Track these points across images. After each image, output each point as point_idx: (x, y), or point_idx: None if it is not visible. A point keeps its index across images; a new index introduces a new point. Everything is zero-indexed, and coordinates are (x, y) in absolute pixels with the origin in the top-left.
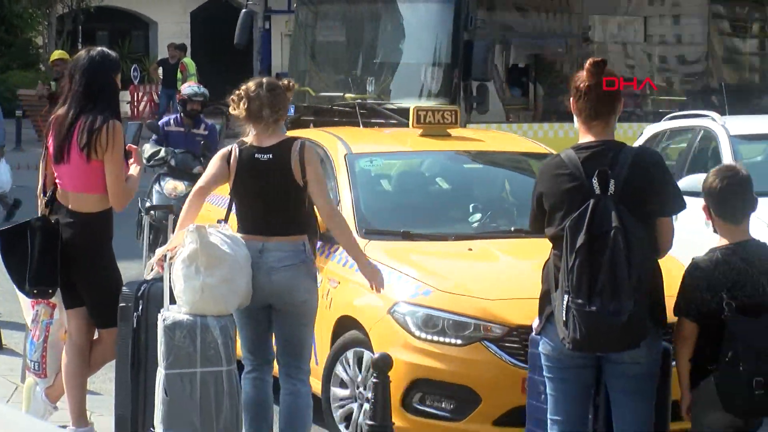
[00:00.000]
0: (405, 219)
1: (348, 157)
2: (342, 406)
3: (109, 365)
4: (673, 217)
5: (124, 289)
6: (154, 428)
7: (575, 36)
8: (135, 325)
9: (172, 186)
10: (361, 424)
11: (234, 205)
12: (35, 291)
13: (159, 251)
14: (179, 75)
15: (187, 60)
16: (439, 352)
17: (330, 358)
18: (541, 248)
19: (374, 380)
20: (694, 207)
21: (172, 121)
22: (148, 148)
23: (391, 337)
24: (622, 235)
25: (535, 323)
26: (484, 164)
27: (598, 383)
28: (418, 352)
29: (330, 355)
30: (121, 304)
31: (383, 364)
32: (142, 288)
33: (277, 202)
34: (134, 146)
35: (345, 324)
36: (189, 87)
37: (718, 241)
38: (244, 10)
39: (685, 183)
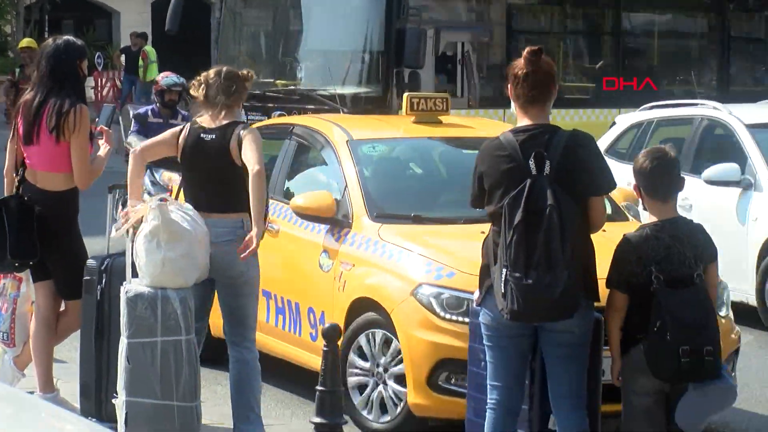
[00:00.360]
0: (412, 203)
1: (350, 143)
2: (361, 393)
3: (75, 335)
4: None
5: (89, 262)
6: (117, 394)
7: (499, 25)
8: (99, 297)
9: (167, 177)
10: (381, 401)
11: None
12: (17, 264)
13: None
14: (141, 62)
15: (148, 48)
16: (464, 332)
17: (346, 340)
18: None
19: (324, 348)
20: (727, 196)
21: (150, 113)
22: (135, 141)
23: (415, 318)
24: (556, 213)
25: (476, 295)
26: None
27: (534, 350)
28: (444, 332)
29: (346, 336)
30: (85, 277)
31: (333, 334)
32: (106, 262)
33: (216, 180)
34: (107, 128)
35: (361, 306)
36: (167, 78)
37: (648, 218)
38: None
39: (714, 173)
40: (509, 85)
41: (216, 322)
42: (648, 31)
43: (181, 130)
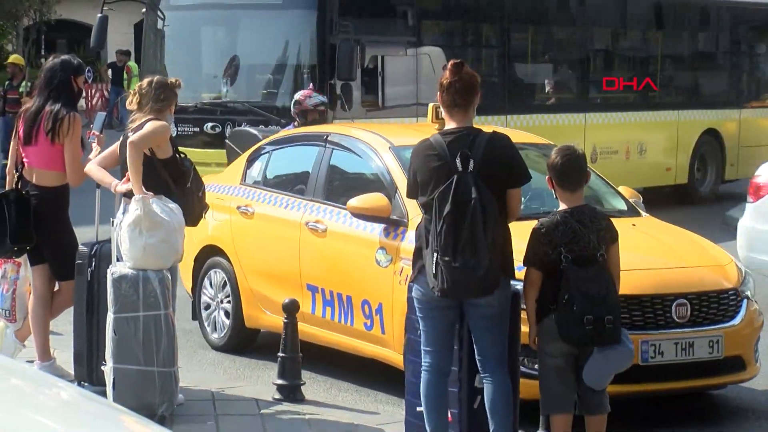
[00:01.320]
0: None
1: (393, 149)
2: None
3: (68, 310)
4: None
5: (80, 248)
6: (105, 362)
7: (411, 41)
8: (89, 278)
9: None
10: None
11: None
12: (16, 248)
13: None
14: (125, 75)
15: (131, 63)
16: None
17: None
18: None
19: (285, 320)
20: None
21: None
22: None
23: None
24: (479, 205)
25: (411, 275)
26: None
27: (462, 320)
28: (520, 321)
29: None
30: (78, 261)
31: (292, 308)
32: (95, 248)
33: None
34: (99, 134)
35: None
36: (313, 97)
37: (560, 206)
38: (99, 15)
39: None
40: (438, 93)
41: (252, 313)
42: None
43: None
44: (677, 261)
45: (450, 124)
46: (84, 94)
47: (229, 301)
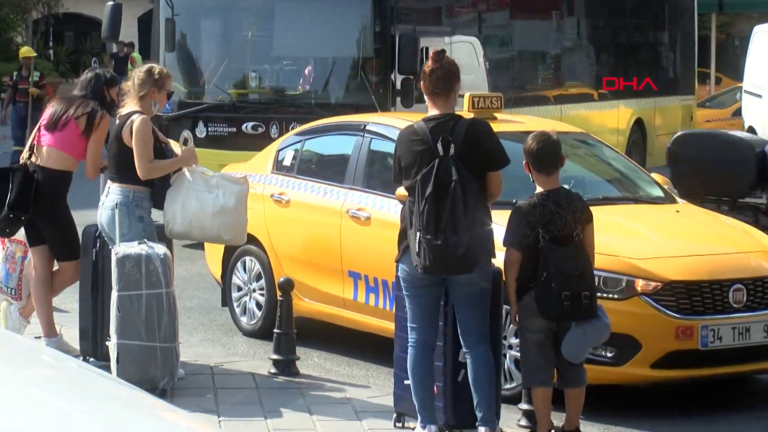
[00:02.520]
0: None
1: None
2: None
3: (75, 288)
4: None
5: (85, 229)
6: (110, 338)
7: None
8: (94, 258)
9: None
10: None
11: None
12: (11, 216)
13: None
14: (129, 66)
15: (136, 54)
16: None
17: None
18: (641, 213)
19: (280, 298)
20: None
21: None
22: None
23: None
24: (460, 186)
25: (397, 255)
26: None
27: (447, 297)
28: None
29: None
30: (83, 242)
31: (287, 287)
32: (99, 230)
33: (114, 156)
34: (190, 152)
35: None
36: None
37: (537, 189)
38: (111, 3)
39: None
40: (421, 81)
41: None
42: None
43: None
44: (730, 247)
45: (432, 111)
46: None
47: (262, 292)
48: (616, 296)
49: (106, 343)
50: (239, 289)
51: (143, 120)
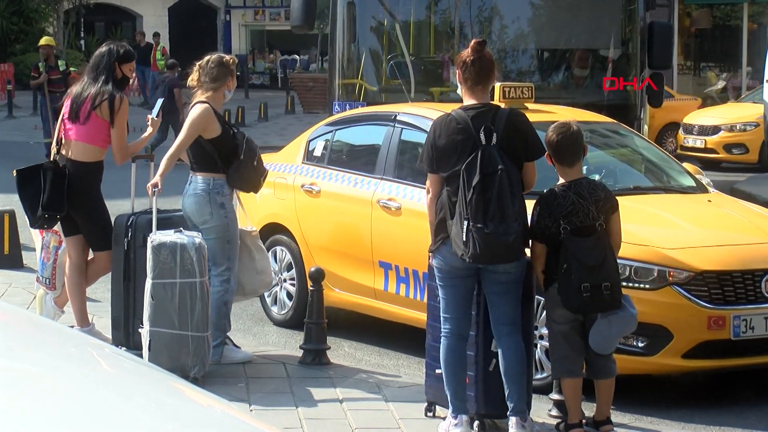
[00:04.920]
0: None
1: None
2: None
3: (106, 278)
4: None
5: (117, 219)
6: (142, 325)
7: None
8: (125, 248)
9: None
10: None
11: None
12: (46, 215)
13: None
14: (160, 56)
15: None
16: (631, 296)
17: None
18: (673, 203)
19: (311, 288)
20: None
21: None
22: None
23: None
24: (505, 174)
25: (433, 246)
26: None
27: (479, 287)
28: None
29: None
30: (115, 232)
31: (318, 276)
32: (131, 219)
33: (190, 147)
34: (155, 118)
35: None
36: None
37: (559, 180)
38: None
39: None
40: (458, 71)
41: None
42: None
43: None
44: (762, 236)
45: (470, 101)
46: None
47: (293, 282)
48: (647, 286)
49: (139, 330)
50: None
51: (204, 109)
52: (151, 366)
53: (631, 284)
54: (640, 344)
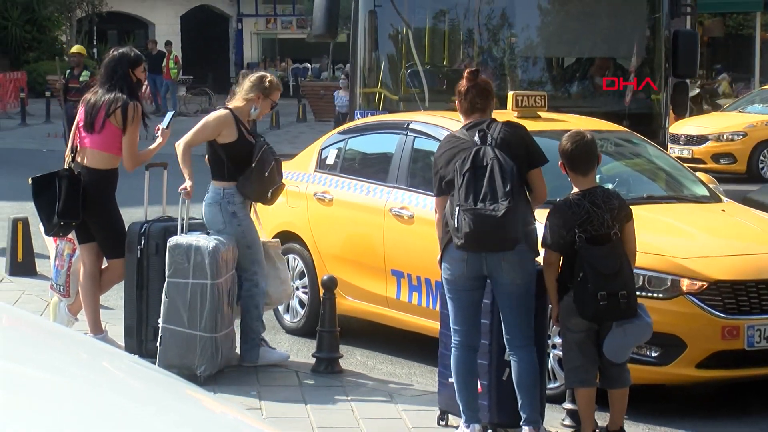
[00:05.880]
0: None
1: None
2: None
3: (119, 286)
4: None
5: (131, 227)
6: (158, 323)
7: None
8: (138, 256)
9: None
10: None
11: None
12: (62, 223)
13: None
14: (173, 64)
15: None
16: (644, 305)
17: None
18: (687, 212)
19: (324, 297)
20: None
21: None
22: None
23: None
24: (497, 162)
25: (439, 255)
26: None
27: (493, 297)
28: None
29: None
30: (128, 240)
31: (331, 285)
32: (144, 227)
33: (208, 155)
34: (167, 129)
35: None
36: None
37: (573, 189)
38: None
39: None
40: (456, 101)
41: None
42: None
43: None
44: None
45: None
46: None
47: (305, 290)
48: (661, 295)
49: (157, 324)
50: None
51: (221, 114)
52: (163, 372)
53: (644, 293)
54: (654, 354)
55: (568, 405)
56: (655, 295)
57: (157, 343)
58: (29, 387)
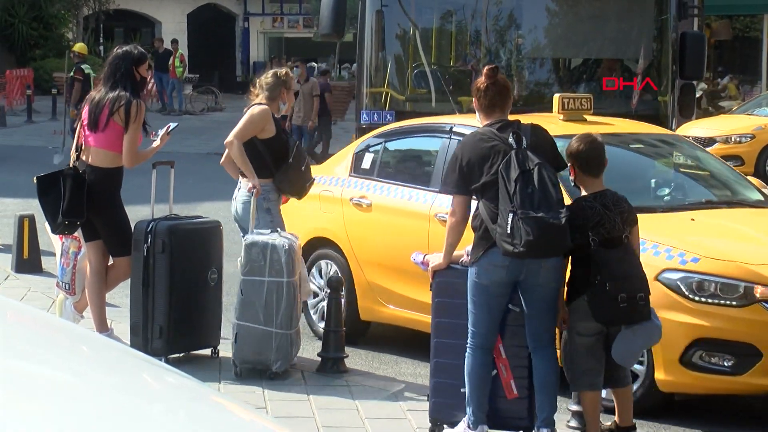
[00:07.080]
0: None
1: None
2: None
3: (125, 284)
4: None
5: (137, 225)
6: (161, 331)
7: None
8: (145, 254)
9: None
10: None
11: None
12: (67, 222)
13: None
14: (178, 62)
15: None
16: (717, 313)
17: None
18: (748, 217)
19: (329, 297)
20: None
21: None
22: None
23: (662, 301)
24: (543, 168)
25: (464, 259)
26: (633, 144)
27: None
28: (696, 314)
29: None
30: (135, 238)
31: (337, 285)
32: (151, 225)
33: (247, 151)
34: (167, 136)
35: None
36: None
37: (583, 192)
38: None
39: None
40: (474, 98)
41: (368, 305)
42: None
43: None
44: None
45: (488, 121)
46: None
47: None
48: (734, 303)
49: (234, 319)
50: (315, 295)
51: (264, 109)
52: (174, 371)
53: (716, 301)
54: (727, 363)
55: (573, 407)
56: (727, 302)
57: (233, 340)
58: (34, 385)
